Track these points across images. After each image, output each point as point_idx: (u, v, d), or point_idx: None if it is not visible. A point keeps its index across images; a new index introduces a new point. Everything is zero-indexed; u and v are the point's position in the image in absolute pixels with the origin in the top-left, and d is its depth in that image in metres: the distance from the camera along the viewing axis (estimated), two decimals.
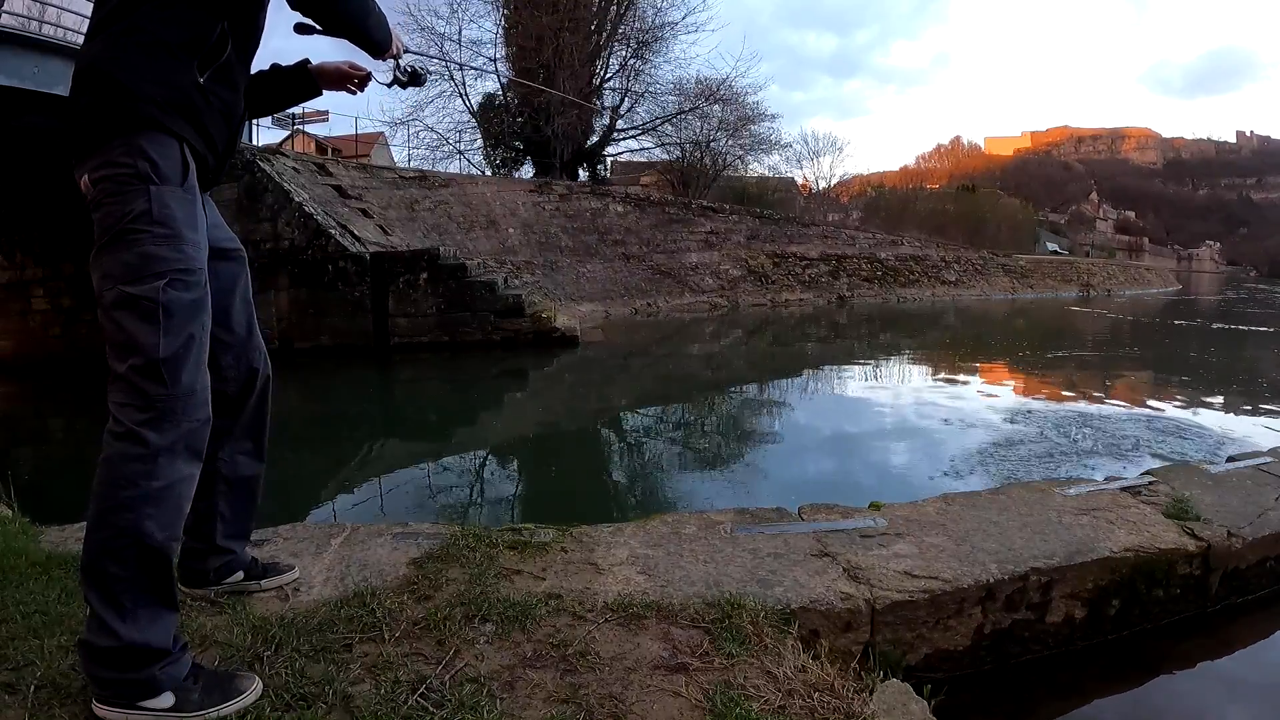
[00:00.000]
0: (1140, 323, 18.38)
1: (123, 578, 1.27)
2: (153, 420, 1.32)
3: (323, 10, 1.49)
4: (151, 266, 1.33)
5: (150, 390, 1.32)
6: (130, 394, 1.32)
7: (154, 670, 1.27)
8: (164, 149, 1.35)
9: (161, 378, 1.32)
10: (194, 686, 1.30)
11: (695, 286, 20.09)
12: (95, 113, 1.33)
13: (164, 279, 1.33)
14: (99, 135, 1.34)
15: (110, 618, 1.26)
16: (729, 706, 1.34)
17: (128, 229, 1.32)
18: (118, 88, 1.32)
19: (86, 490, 1.31)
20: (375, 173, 16.56)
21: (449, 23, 23.48)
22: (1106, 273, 34.18)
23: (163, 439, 1.32)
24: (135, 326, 1.32)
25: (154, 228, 1.33)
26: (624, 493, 4.27)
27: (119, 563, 1.27)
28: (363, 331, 10.97)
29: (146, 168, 1.33)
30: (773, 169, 31.62)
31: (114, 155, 1.33)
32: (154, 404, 1.32)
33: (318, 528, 2.19)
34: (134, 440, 1.30)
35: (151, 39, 1.35)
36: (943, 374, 8.71)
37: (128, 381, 1.32)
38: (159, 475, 1.31)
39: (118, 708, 1.26)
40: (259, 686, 1.35)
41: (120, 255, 1.33)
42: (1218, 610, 2.18)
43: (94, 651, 1.27)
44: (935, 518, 2.23)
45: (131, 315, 1.32)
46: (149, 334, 1.32)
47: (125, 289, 1.32)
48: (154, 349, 1.32)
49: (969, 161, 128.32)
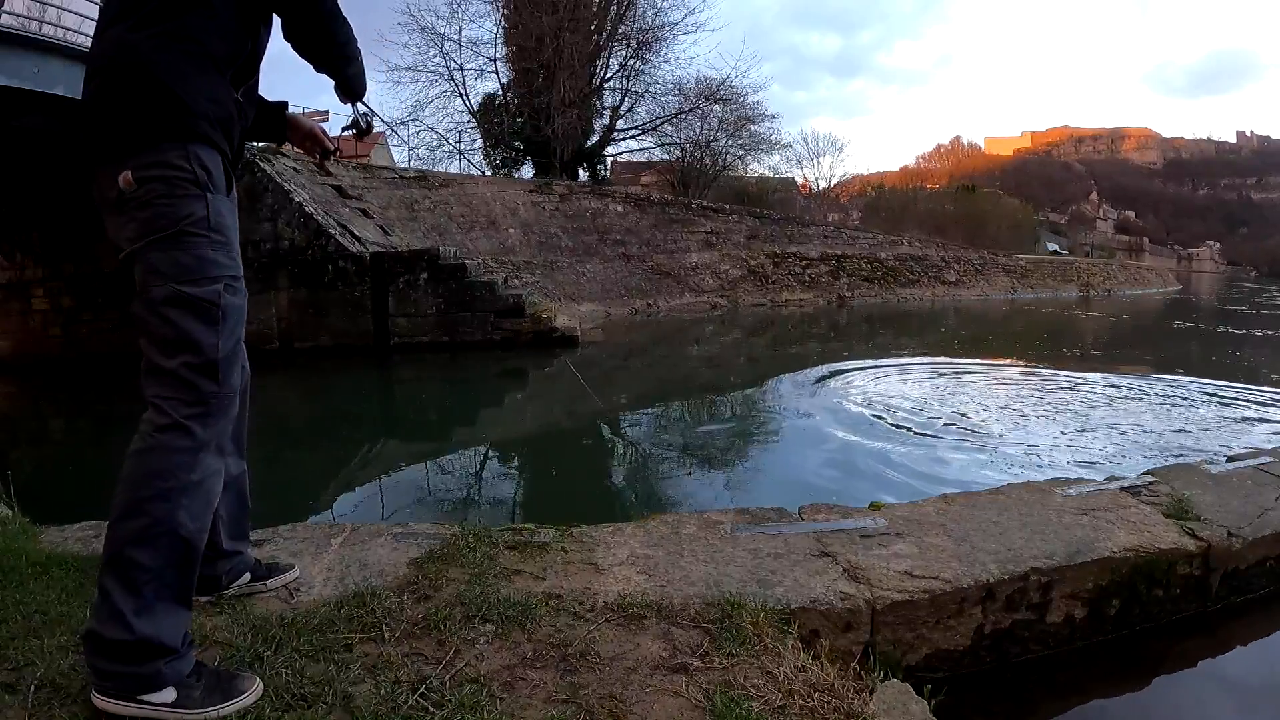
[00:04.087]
0: (1140, 324, 18.37)
1: (150, 568, 1.29)
2: (201, 415, 1.38)
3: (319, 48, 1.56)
4: (209, 270, 1.39)
5: (204, 387, 1.38)
6: (180, 388, 1.37)
7: (159, 665, 1.28)
8: (213, 160, 1.42)
9: (216, 376, 1.39)
10: (196, 684, 1.31)
11: (695, 286, 20.09)
12: (148, 114, 1.35)
13: (220, 283, 1.40)
14: (149, 135, 1.36)
15: (128, 610, 1.26)
16: (729, 706, 1.34)
17: (185, 231, 1.37)
18: (173, 99, 1.36)
19: (87, 490, 1.32)
20: (375, 173, 16.56)
21: (449, 23, 23.54)
22: (1106, 273, 34.15)
23: (207, 434, 1.38)
24: (193, 326, 1.37)
25: (210, 234, 1.40)
26: (624, 493, 4.27)
27: (150, 551, 1.29)
28: (363, 331, 10.97)
29: (204, 175, 1.39)
30: (773, 169, 31.66)
31: (169, 157, 1.36)
32: (205, 400, 1.38)
33: (318, 528, 2.19)
34: (182, 432, 1.35)
35: (200, 50, 1.40)
36: (943, 373, 8.71)
37: (177, 376, 1.37)
38: (198, 468, 1.36)
39: (118, 700, 1.26)
40: (259, 687, 1.35)
41: (175, 254, 1.37)
42: (1218, 610, 2.18)
43: (101, 643, 1.27)
44: (935, 518, 2.23)
45: (188, 315, 1.37)
46: (208, 334, 1.38)
47: (182, 289, 1.36)
48: (213, 349, 1.39)
49: (969, 161, 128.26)
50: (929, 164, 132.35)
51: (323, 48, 1.58)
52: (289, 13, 1.51)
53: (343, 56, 1.62)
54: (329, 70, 1.62)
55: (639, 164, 30.54)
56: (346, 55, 1.62)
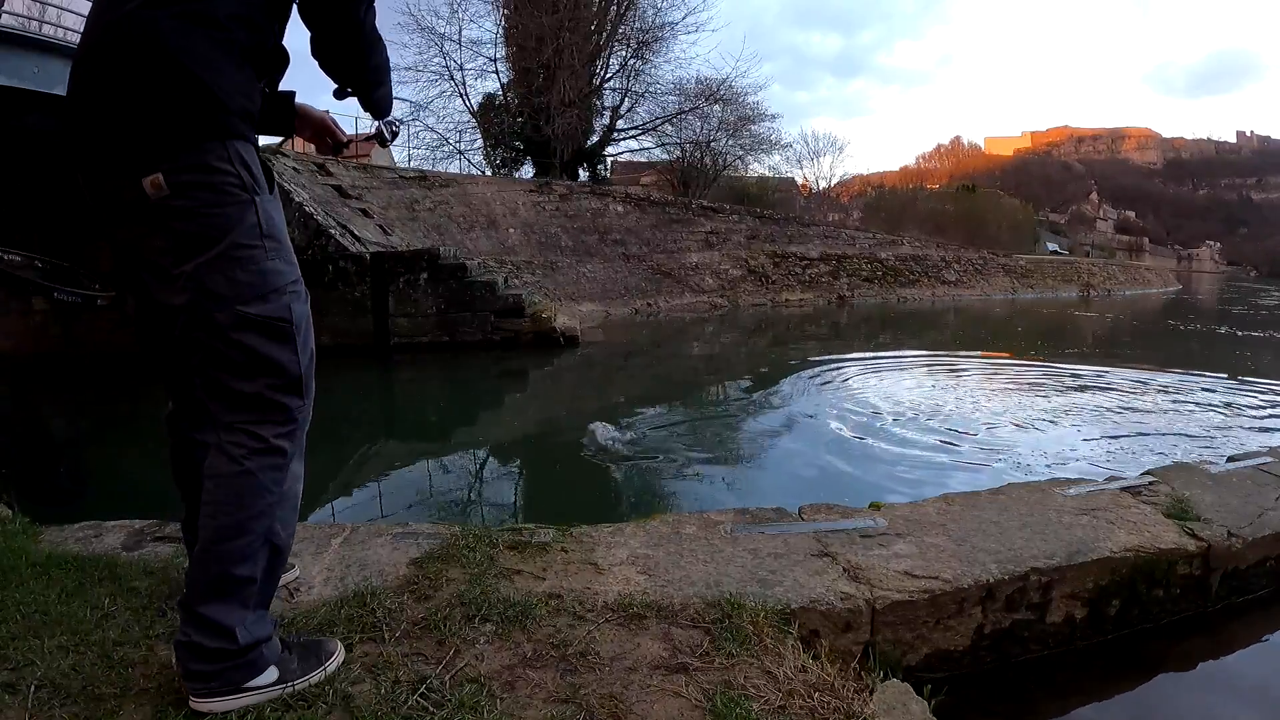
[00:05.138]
0: (1141, 324, 18.36)
1: (255, 580, 1.30)
2: (292, 432, 1.36)
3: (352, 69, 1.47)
4: (272, 283, 1.31)
5: (292, 404, 1.35)
6: (267, 411, 1.33)
7: (261, 651, 1.30)
8: (253, 157, 1.32)
9: (300, 391, 1.36)
10: (291, 657, 1.34)
11: (695, 286, 20.07)
12: (182, 109, 1.22)
13: (286, 295, 1.33)
14: (187, 133, 1.23)
15: (237, 623, 1.27)
16: (729, 706, 1.34)
17: (239, 244, 1.27)
18: (208, 92, 1.24)
19: (86, 490, 1.31)
20: (375, 173, 16.54)
21: (449, 23, 23.53)
22: (1107, 273, 34.13)
23: (295, 446, 1.37)
24: (269, 348, 1.31)
25: (266, 242, 1.31)
26: (624, 492, 4.27)
27: (252, 565, 1.29)
28: (363, 331, 10.95)
29: (249, 178, 1.29)
30: (773, 169, 31.65)
31: (210, 159, 1.25)
32: (294, 416, 1.36)
33: (318, 528, 2.19)
34: (276, 454, 1.33)
35: (228, 39, 1.26)
36: (944, 372, 8.71)
37: (261, 399, 1.32)
38: (289, 479, 1.36)
39: (224, 696, 1.26)
40: (341, 647, 1.42)
41: (231, 273, 1.27)
42: (1218, 610, 2.18)
43: (204, 652, 1.26)
44: (935, 518, 2.23)
45: (262, 337, 1.30)
46: (286, 353, 1.33)
47: (248, 310, 1.28)
48: (295, 365, 1.34)
49: (969, 161, 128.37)
50: (929, 164, 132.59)
51: (356, 69, 1.47)
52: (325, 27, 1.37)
53: (375, 81, 1.52)
54: (358, 90, 1.51)
55: (639, 164, 30.54)
56: (377, 80, 1.52)
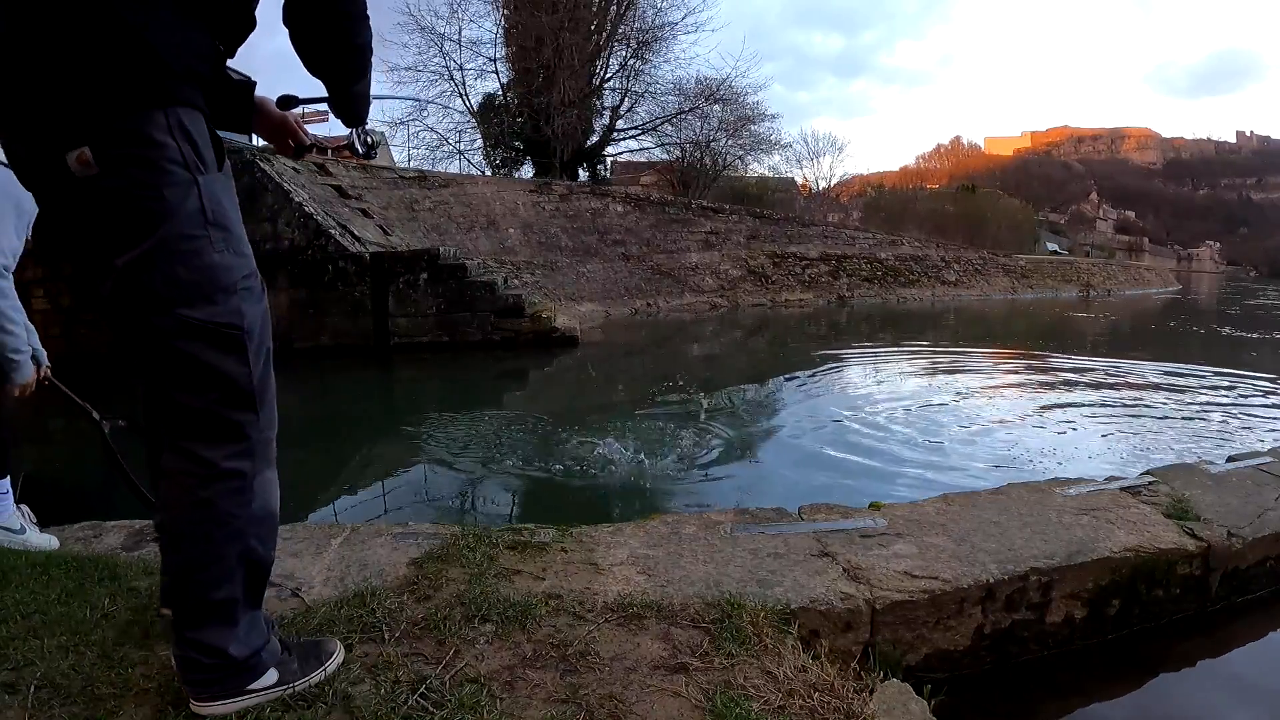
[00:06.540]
0: (1140, 324, 18.36)
1: (236, 598, 1.25)
2: (246, 450, 1.21)
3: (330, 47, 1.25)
4: (220, 281, 1.13)
5: (243, 419, 1.20)
6: (217, 428, 1.18)
7: (259, 656, 1.29)
8: (199, 129, 1.12)
9: (253, 404, 1.21)
10: (291, 659, 1.33)
11: (695, 286, 20.07)
12: (114, 69, 1.03)
13: (235, 294, 1.16)
14: (119, 99, 1.04)
15: (227, 641, 1.24)
16: (729, 706, 1.34)
17: (180, 234, 1.09)
18: (146, 51, 1.04)
19: (86, 490, 1.31)
20: (375, 173, 16.54)
21: (449, 23, 23.57)
22: (1106, 273, 34.15)
23: (256, 463, 1.24)
24: (218, 359, 1.15)
25: (212, 231, 1.12)
26: (624, 492, 4.27)
27: (230, 586, 1.23)
28: (363, 331, 10.96)
29: (190, 151, 1.10)
30: (773, 169, 31.70)
31: (148, 130, 1.06)
32: (246, 434, 1.21)
33: (318, 528, 2.19)
34: (232, 477, 1.20)
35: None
36: (944, 372, 8.71)
37: (212, 416, 1.17)
38: (255, 496, 1.24)
39: (225, 699, 1.25)
40: (341, 647, 1.41)
41: (171, 269, 1.09)
42: (1218, 610, 2.18)
43: (200, 665, 1.24)
44: (935, 518, 2.23)
45: (209, 346, 1.14)
46: (237, 365, 1.17)
47: (191, 314, 1.11)
48: (246, 379, 1.19)
49: (969, 161, 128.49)
50: (929, 164, 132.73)
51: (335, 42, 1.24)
52: None
53: (355, 66, 1.29)
54: (333, 80, 1.31)
55: (639, 164, 30.58)
56: (359, 66, 1.30)
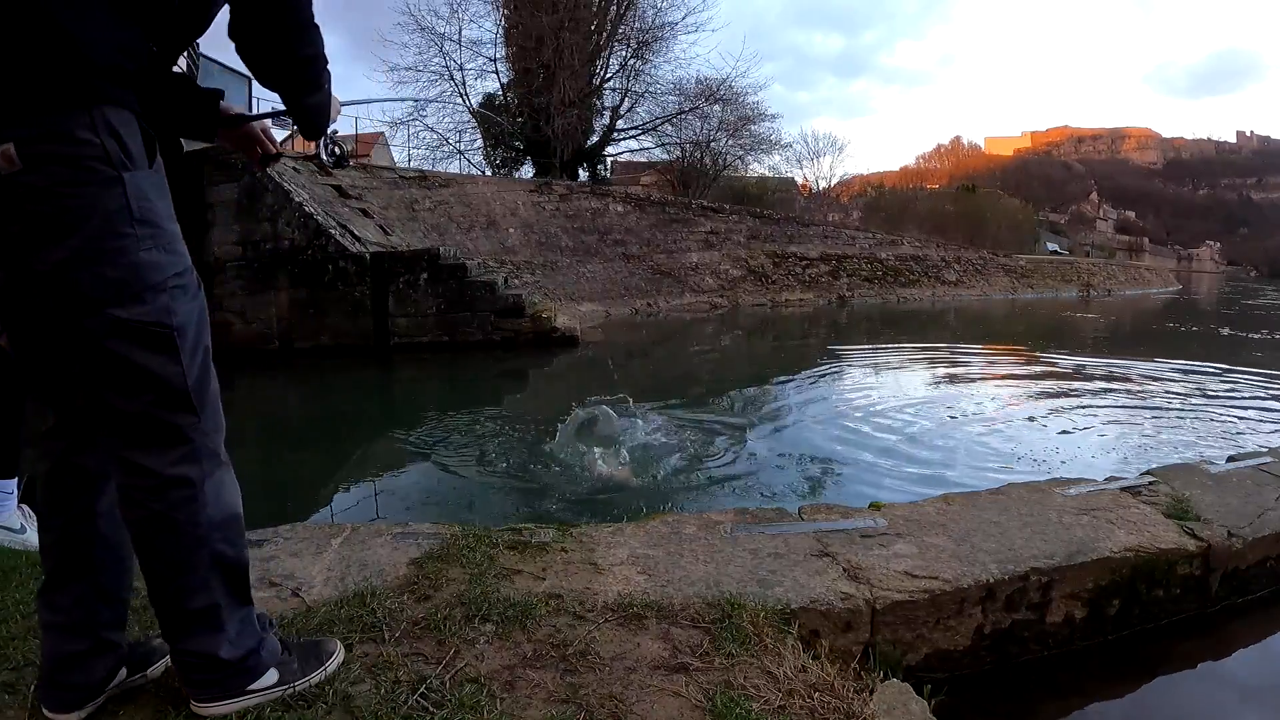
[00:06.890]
0: (1140, 324, 18.36)
1: (215, 605, 1.22)
2: (189, 455, 1.17)
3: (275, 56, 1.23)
4: (148, 279, 1.11)
5: (182, 422, 1.16)
6: (153, 435, 1.15)
7: (257, 656, 1.27)
8: (127, 125, 1.10)
9: (191, 406, 1.17)
10: (290, 658, 1.32)
11: (695, 286, 20.08)
12: (35, 65, 1.02)
13: (165, 292, 1.13)
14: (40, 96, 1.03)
15: (217, 645, 1.22)
16: (729, 706, 1.34)
17: (106, 232, 1.07)
18: (69, 46, 1.03)
19: None
20: (375, 173, 16.54)
21: (449, 23, 23.56)
22: (1107, 273, 34.16)
23: (205, 466, 1.19)
24: (149, 359, 1.12)
25: (139, 229, 1.10)
26: (624, 492, 4.27)
27: (208, 592, 1.21)
28: (363, 331, 10.96)
29: (116, 148, 1.08)
30: (773, 169, 31.73)
31: (72, 128, 1.05)
32: (188, 436, 1.17)
33: (318, 528, 2.19)
34: (180, 484, 1.16)
35: None
36: (945, 372, 8.71)
37: (149, 420, 1.14)
38: (210, 501, 1.19)
39: (225, 700, 1.24)
40: (341, 647, 1.41)
41: (98, 269, 1.07)
42: (1218, 610, 2.18)
43: (194, 665, 1.23)
44: (935, 518, 2.23)
45: (139, 346, 1.11)
46: (169, 365, 1.14)
47: (119, 314, 1.09)
48: (179, 379, 1.15)
49: (969, 161, 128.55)
50: (929, 164, 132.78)
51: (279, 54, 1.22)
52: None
53: (305, 79, 1.26)
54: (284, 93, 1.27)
55: (639, 164, 30.60)
56: (309, 78, 1.26)
